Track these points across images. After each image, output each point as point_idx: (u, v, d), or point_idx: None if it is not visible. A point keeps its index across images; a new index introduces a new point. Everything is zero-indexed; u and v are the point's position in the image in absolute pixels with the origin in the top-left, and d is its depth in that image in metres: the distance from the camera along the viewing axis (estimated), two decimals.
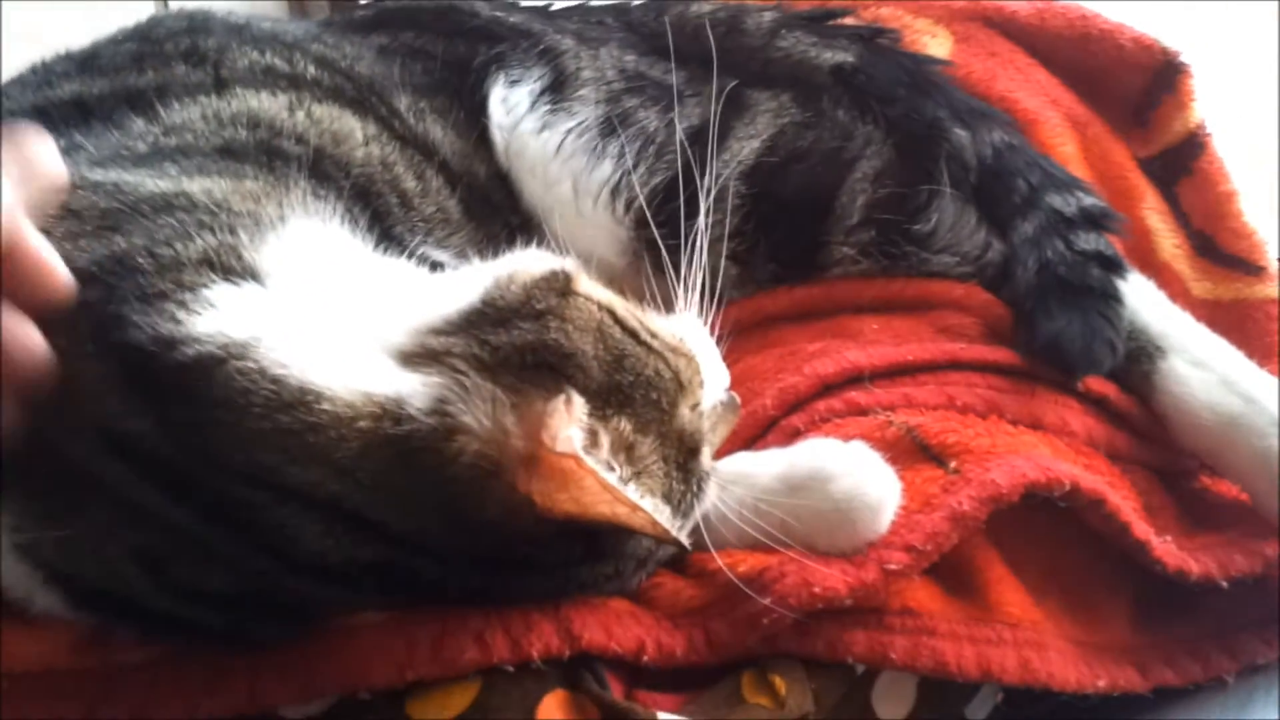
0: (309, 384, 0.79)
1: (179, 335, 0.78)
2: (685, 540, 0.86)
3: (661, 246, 1.07)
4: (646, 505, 0.78)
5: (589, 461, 0.75)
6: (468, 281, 0.89)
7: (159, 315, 0.79)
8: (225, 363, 0.78)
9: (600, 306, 0.87)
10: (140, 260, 0.82)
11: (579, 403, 0.79)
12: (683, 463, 0.87)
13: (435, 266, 1.04)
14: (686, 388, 0.89)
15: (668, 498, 0.86)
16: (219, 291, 0.83)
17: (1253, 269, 1.31)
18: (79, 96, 1.12)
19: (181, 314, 0.80)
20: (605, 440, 0.82)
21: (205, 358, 0.78)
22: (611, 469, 0.80)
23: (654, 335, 0.89)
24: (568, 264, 0.91)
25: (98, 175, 0.92)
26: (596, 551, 0.86)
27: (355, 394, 0.79)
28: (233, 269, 0.85)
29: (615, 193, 1.20)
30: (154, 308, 0.79)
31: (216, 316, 0.81)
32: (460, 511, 0.79)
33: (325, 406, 0.78)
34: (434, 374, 0.80)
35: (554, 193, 1.23)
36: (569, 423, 0.77)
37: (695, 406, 0.90)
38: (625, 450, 0.83)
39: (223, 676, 0.84)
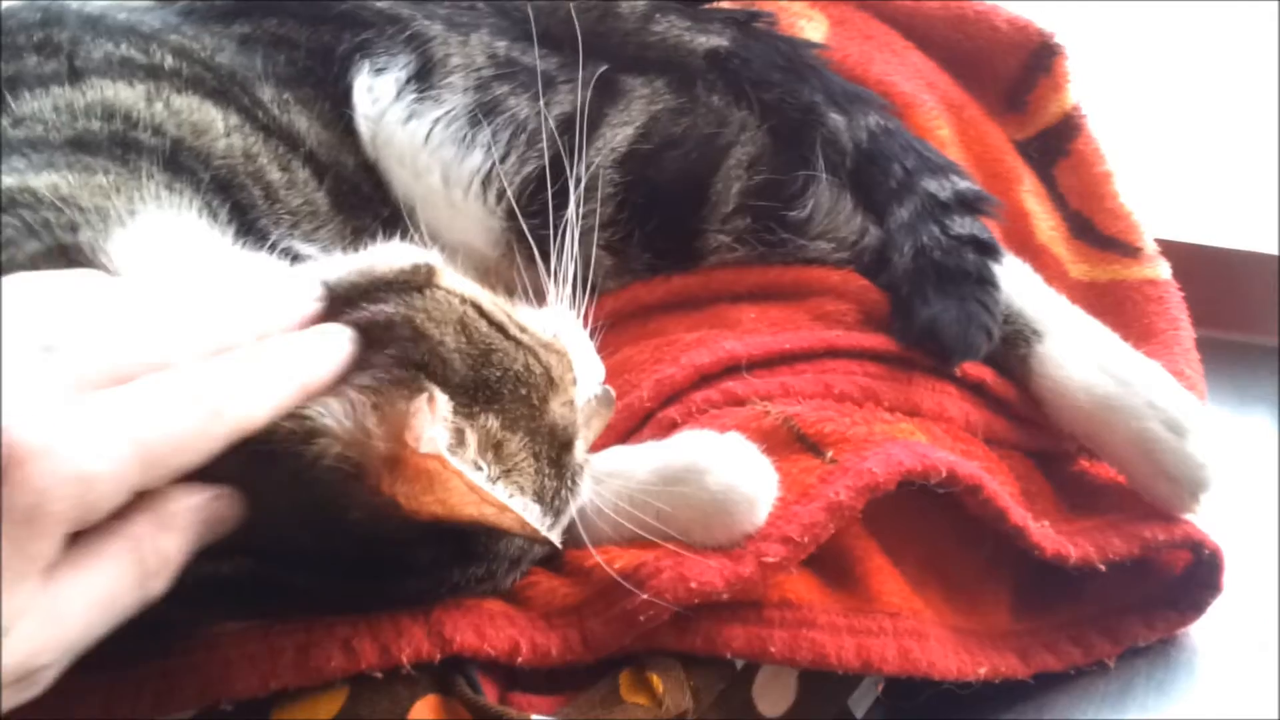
0: None
1: None
2: (556, 540, 0.84)
3: (531, 238, 1.05)
4: (515, 505, 0.77)
5: (454, 462, 0.73)
6: (323, 276, 0.86)
7: None
8: None
9: (463, 300, 0.84)
10: None
11: (442, 400, 0.76)
12: (555, 458, 0.85)
13: (300, 260, 1.01)
14: (558, 384, 0.87)
15: (539, 495, 0.84)
16: None
17: (1129, 250, 1.31)
18: None
19: None
20: (472, 439, 0.79)
21: None
22: (479, 468, 0.78)
23: (523, 330, 0.86)
24: (430, 256, 0.88)
25: None
26: (467, 552, 0.84)
27: None
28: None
29: (486, 183, 1.18)
30: None
31: None
32: (324, 516, 0.76)
33: None
34: None
35: (424, 183, 1.20)
36: (432, 422, 0.74)
37: (568, 402, 0.88)
38: (493, 448, 0.81)
39: (77, 694, 0.80)
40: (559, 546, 0.85)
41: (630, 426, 1.04)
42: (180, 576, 0.74)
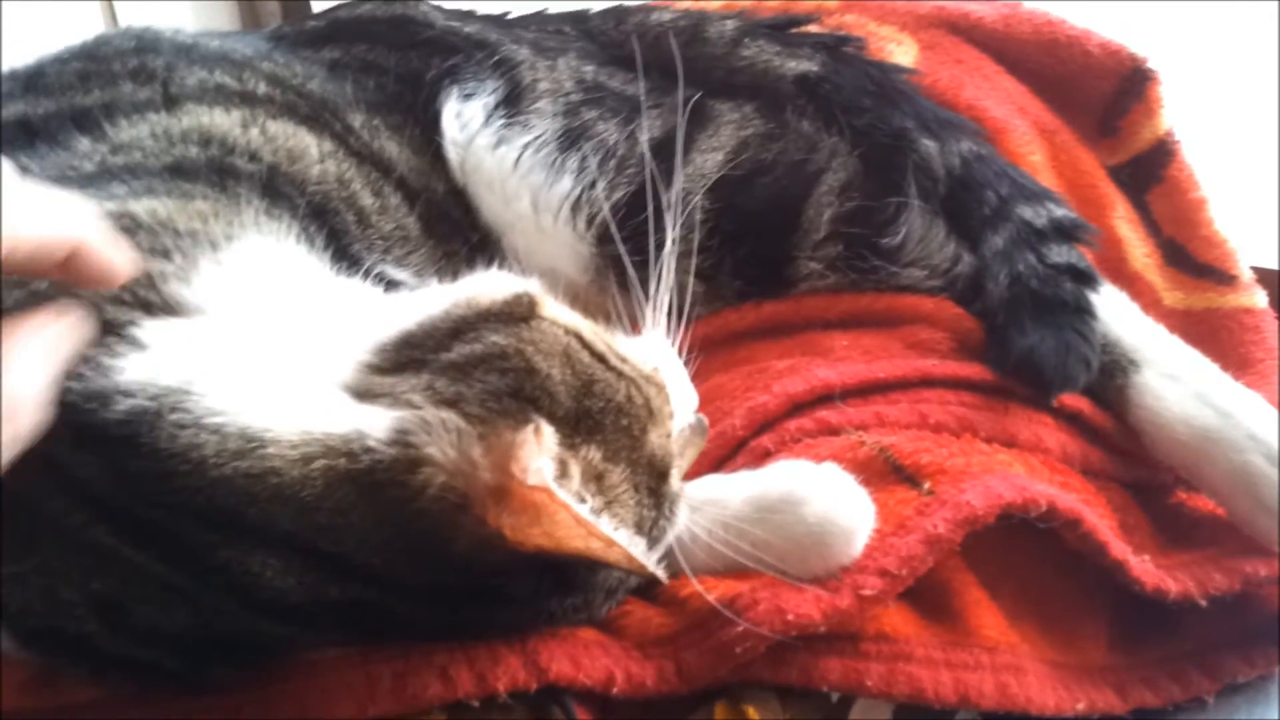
0: (251, 429, 0.76)
1: (108, 388, 0.76)
2: (662, 573, 0.83)
3: (627, 263, 1.04)
4: (621, 539, 0.76)
5: (561, 495, 0.73)
6: (424, 306, 0.86)
7: (85, 365, 0.76)
8: (160, 416, 0.75)
9: (567, 330, 0.84)
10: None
11: (548, 432, 0.76)
12: (654, 488, 0.85)
13: (393, 285, 1.02)
14: (657, 415, 0.86)
15: (639, 526, 0.84)
16: (149, 330, 0.80)
17: (1225, 278, 1.29)
18: (23, 117, 1.09)
19: (108, 360, 0.77)
20: (575, 470, 0.79)
21: (138, 413, 0.75)
22: (583, 500, 0.77)
23: (624, 360, 0.86)
24: (531, 286, 0.88)
25: None
26: (566, 583, 0.84)
27: (306, 433, 0.76)
28: (166, 300, 0.82)
29: (576, 208, 1.18)
30: (81, 357, 0.76)
31: (145, 361, 0.78)
32: (427, 545, 0.76)
33: (273, 450, 0.75)
34: (391, 408, 0.78)
35: (513, 209, 1.20)
36: (539, 453, 0.74)
37: (666, 434, 0.87)
38: (595, 480, 0.81)
39: (174, 718, 0.81)
40: (664, 581, 0.84)
41: (723, 454, 1.03)
42: (286, 595, 0.76)
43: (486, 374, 0.79)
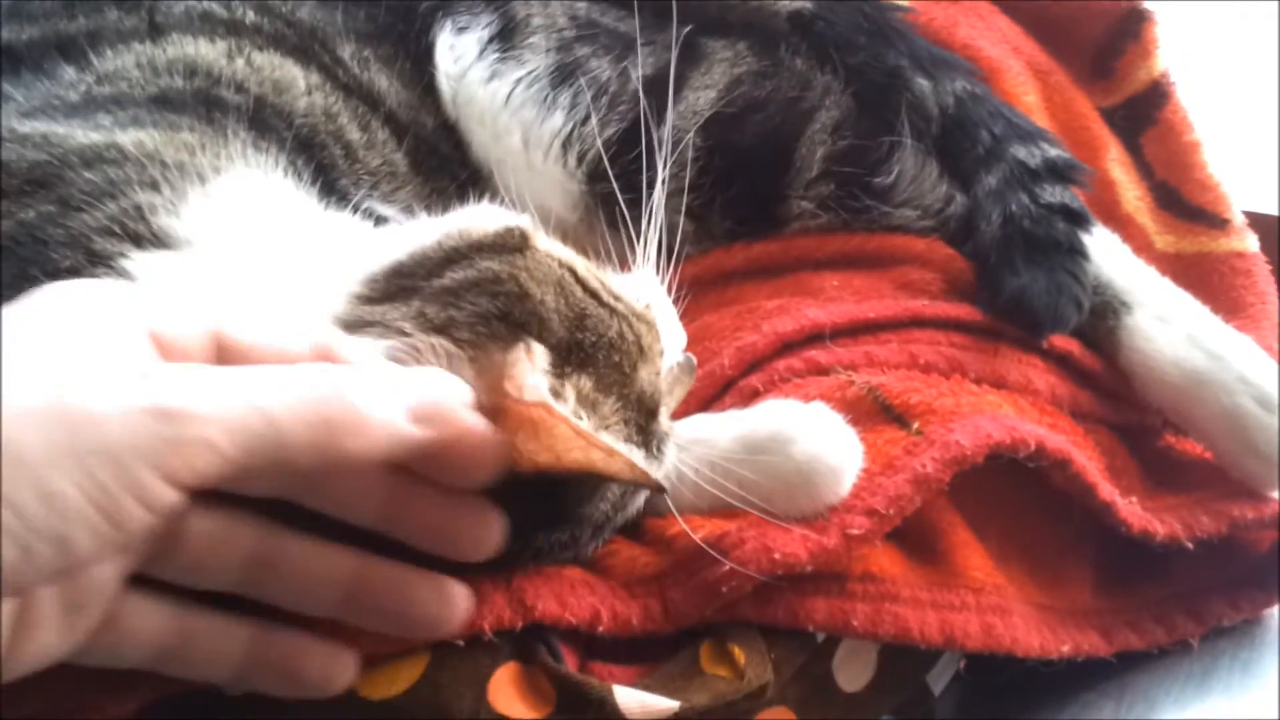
0: None
1: None
2: (664, 481, 0.83)
3: (620, 200, 1.03)
4: (621, 448, 0.75)
5: (559, 408, 0.72)
6: (415, 237, 0.86)
7: None
8: None
9: (561, 263, 0.84)
10: (50, 230, 0.78)
11: (540, 350, 0.76)
12: (643, 425, 0.84)
13: (380, 221, 1.01)
14: (648, 353, 0.86)
15: None
16: (137, 261, 0.79)
17: (1217, 221, 1.28)
18: (8, 44, 1.07)
19: None
20: (570, 393, 0.79)
21: None
22: (580, 418, 0.77)
23: (616, 298, 0.86)
24: (523, 221, 0.88)
25: (26, 127, 0.88)
26: (552, 516, 0.84)
27: None
28: (154, 232, 0.81)
29: (567, 145, 1.17)
30: None
31: None
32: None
33: None
34: (381, 338, 0.77)
35: (503, 144, 1.19)
36: (532, 370, 0.74)
37: (655, 371, 0.87)
38: (589, 406, 0.80)
39: None
40: (666, 488, 0.83)
41: (711, 394, 1.03)
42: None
43: (478, 298, 0.78)
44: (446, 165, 1.19)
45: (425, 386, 0.70)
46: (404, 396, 0.68)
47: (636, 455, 0.78)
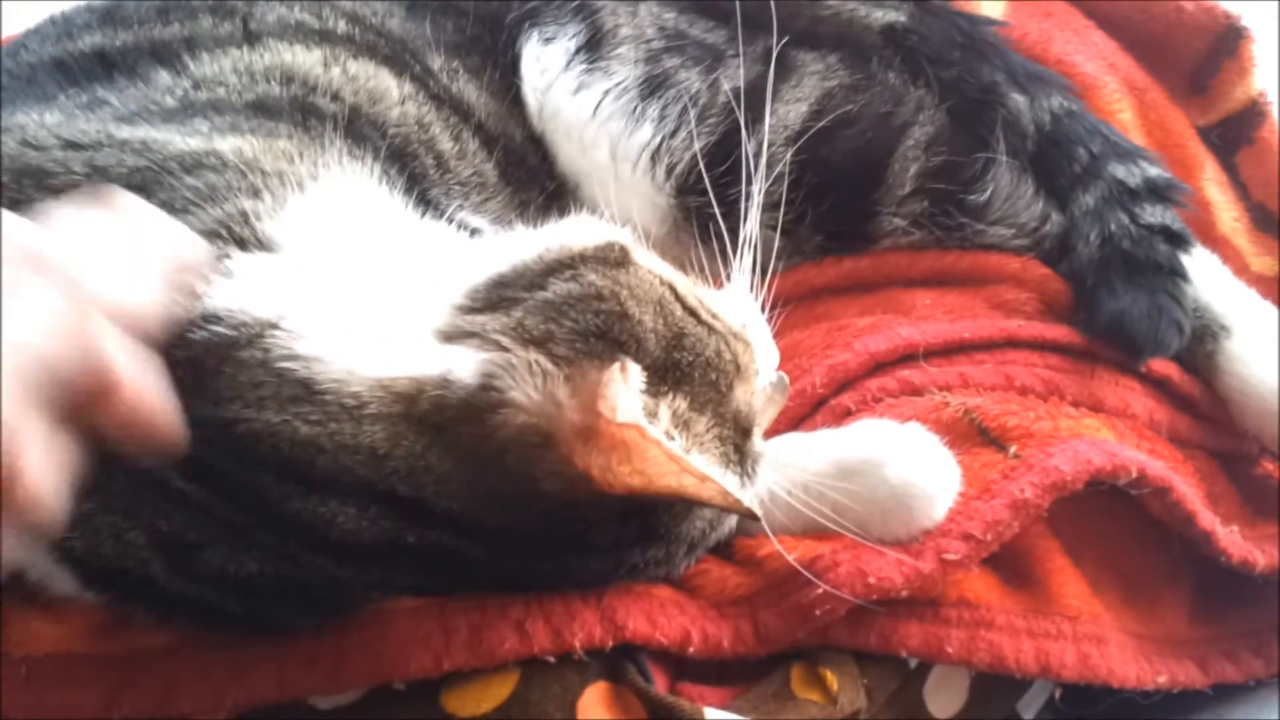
0: (337, 368, 0.76)
1: (193, 314, 0.75)
2: (758, 508, 0.81)
3: (718, 214, 1.02)
4: (715, 474, 0.74)
5: (652, 431, 0.71)
6: (515, 250, 0.85)
7: (176, 291, 0.75)
8: (238, 348, 0.75)
9: (662, 281, 0.83)
10: None
11: (635, 370, 0.75)
12: (738, 444, 0.83)
13: (471, 231, 1.00)
14: (744, 373, 0.85)
15: None
16: (240, 262, 0.79)
17: None
18: (101, 49, 1.08)
19: (200, 286, 0.76)
20: (664, 413, 0.78)
21: (218, 341, 0.75)
22: (671, 439, 0.76)
23: (715, 316, 0.85)
24: (623, 235, 0.87)
25: (125, 132, 0.89)
26: (649, 533, 0.83)
27: (388, 375, 0.76)
28: (258, 236, 0.82)
29: (655, 158, 1.16)
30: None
31: (236, 291, 0.78)
32: (511, 487, 0.75)
33: (356, 390, 0.75)
34: (479, 350, 0.76)
35: (591, 156, 1.18)
36: (626, 391, 0.73)
37: (751, 391, 0.86)
38: (683, 426, 0.79)
39: (249, 664, 0.81)
40: (759, 516, 0.82)
41: (803, 413, 1.02)
42: (359, 540, 0.75)
43: (580, 314, 0.77)
44: (534, 176, 1.18)
45: None
46: None
47: (730, 481, 0.77)
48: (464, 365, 0.76)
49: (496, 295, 0.81)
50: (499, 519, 0.77)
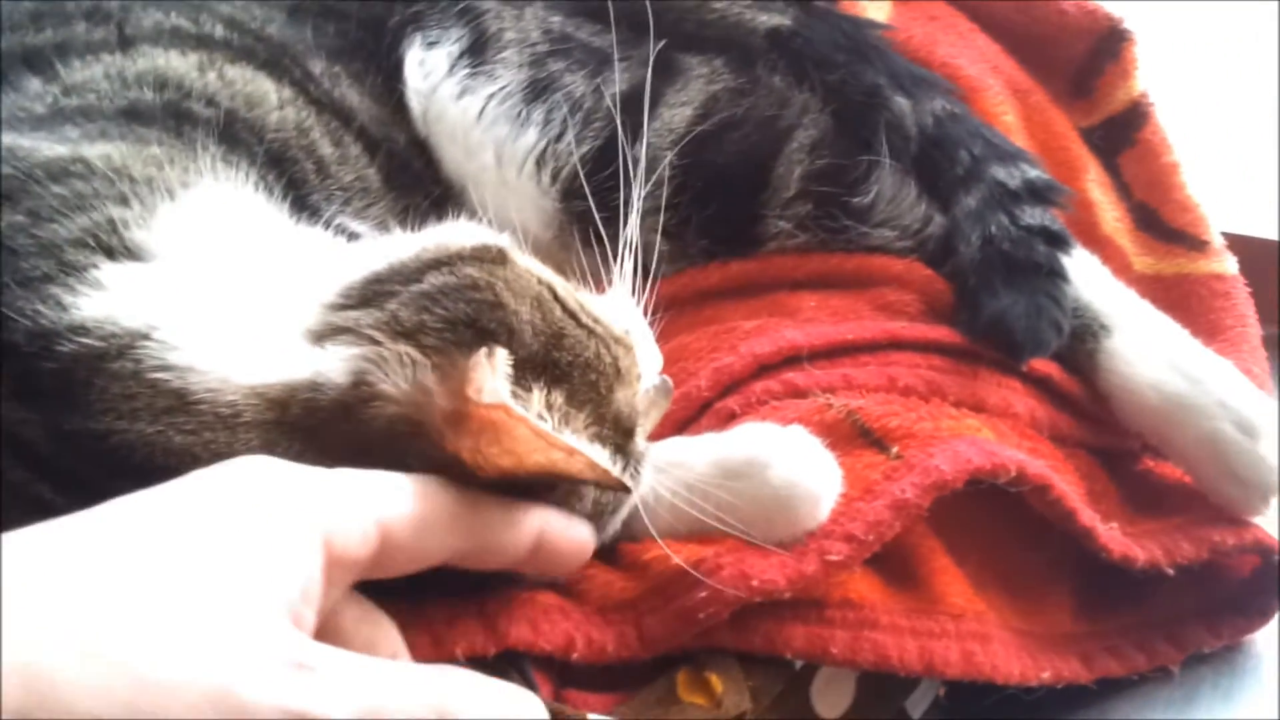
0: (211, 378, 0.74)
1: (60, 325, 0.74)
2: (630, 481, 0.81)
3: (597, 219, 1.02)
4: (582, 446, 0.74)
5: (519, 409, 0.71)
6: (393, 250, 0.84)
7: (41, 302, 0.74)
8: (108, 359, 0.74)
9: (540, 281, 0.83)
10: (21, 240, 0.77)
11: (502, 355, 0.74)
12: (619, 445, 0.83)
13: (353, 238, 0.99)
14: (625, 376, 0.84)
15: None
16: (109, 272, 0.78)
17: (1196, 243, 1.28)
18: None
19: (67, 297, 0.75)
20: (536, 399, 0.77)
21: (87, 353, 0.73)
22: (542, 419, 0.75)
23: (595, 320, 0.84)
24: (501, 239, 0.86)
25: None
26: None
27: (261, 383, 0.74)
28: (126, 245, 0.80)
29: (540, 162, 1.15)
30: (36, 293, 0.75)
31: (106, 301, 0.76)
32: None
33: (230, 399, 0.74)
34: (350, 345, 0.76)
35: (476, 161, 1.18)
36: (493, 374, 0.72)
37: (633, 394, 0.85)
38: (561, 419, 0.79)
39: None
40: (630, 489, 0.82)
41: (687, 416, 1.02)
42: None
43: (453, 303, 0.77)
44: (419, 182, 1.17)
45: (509, 704, 0.69)
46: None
47: (600, 456, 0.77)
48: (334, 365, 0.75)
49: (371, 291, 0.80)
50: None
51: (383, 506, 0.68)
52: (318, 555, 0.64)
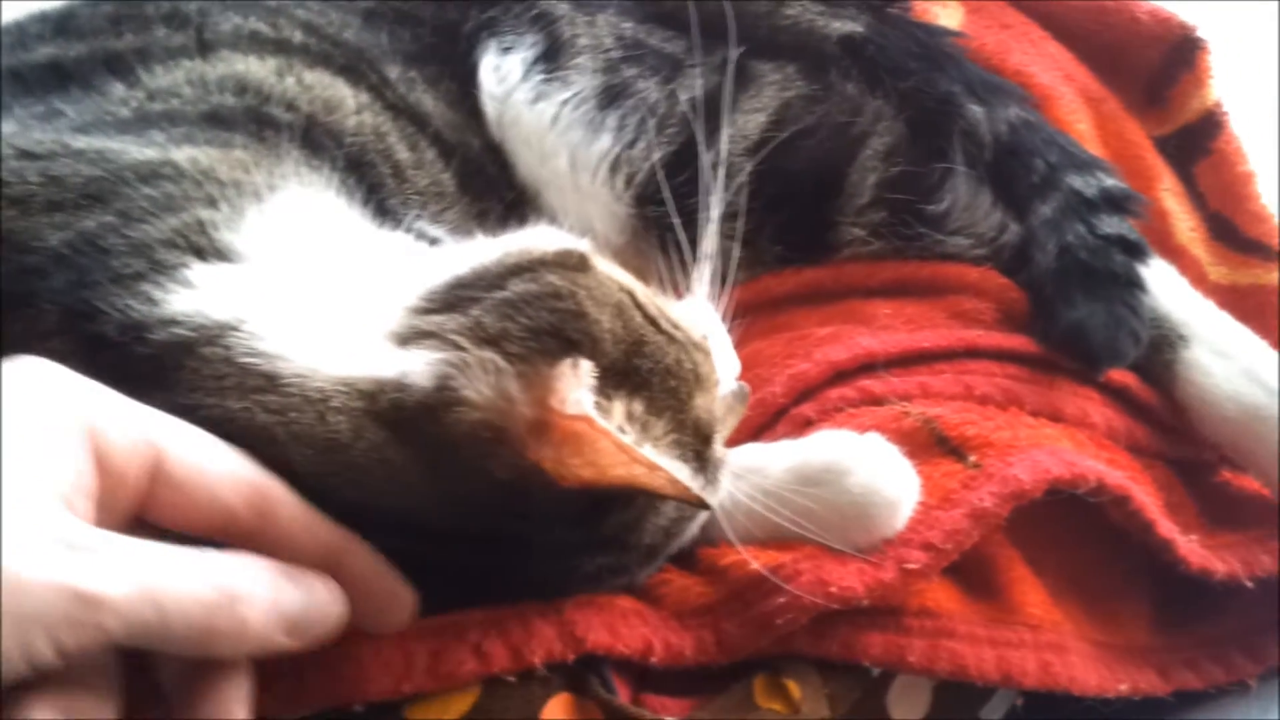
0: (300, 364, 0.75)
1: (151, 318, 0.75)
2: (711, 499, 0.81)
3: (678, 225, 1.02)
4: (664, 463, 0.74)
5: (602, 422, 0.71)
6: (475, 254, 0.85)
7: (132, 297, 0.75)
8: (199, 345, 0.75)
9: (621, 288, 0.83)
10: (112, 240, 0.78)
11: (586, 366, 0.74)
12: (698, 451, 0.83)
13: (431, 242, 1.00)
14: (704, 382, 0.84)
15: None
16: (198, 272, 0.79)
17: (1271, 253, 1.27)
18: (55, 60, 1.07)
19: (158, 294, 0.76)
20: (618, 409, 0.78)
21: (178, 341, 0.75)
22: (624, 433, 0.75)
23: (675, 326, 0.85)
24: (582, 244, 0.87)
25: (80, 142, 0.88)
26: (598, 540, 0.82)
27: (350, 374, 0.76)
28: (216, 247, 0.81)
29: (614, 168, 1.16)
30: (128, 290, 0.76)
31: (195, 296, 0.77)
32: (462, 485, 0.75)
33: (319, 385, 0.75)
34: (435, 350, 0.76)
35: (550, 166, 1.18)
36: (577, 385, 0.73)
37: (711, 400, 0.85)
38: (640, 427, 0.79)
39: None
40: (711, 507, 0.82)
41: (763, 422, 1.01)
42: None
43: (536, 311, 0.77)
44: (493, 186, 1.18)
45: (308, 597, 0.70)
46: (287, 607, 0.68)
47: (681, 472, 0.76)
48: (419, 368, 0.75)
49: (454, 296, 0.80)
50: (449, 518, 0.77)
51: (159, 431, 0.68)
52: (84, 447, 0.64)
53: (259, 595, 0.66)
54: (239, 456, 0.71)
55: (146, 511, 0.68)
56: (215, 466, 0.70)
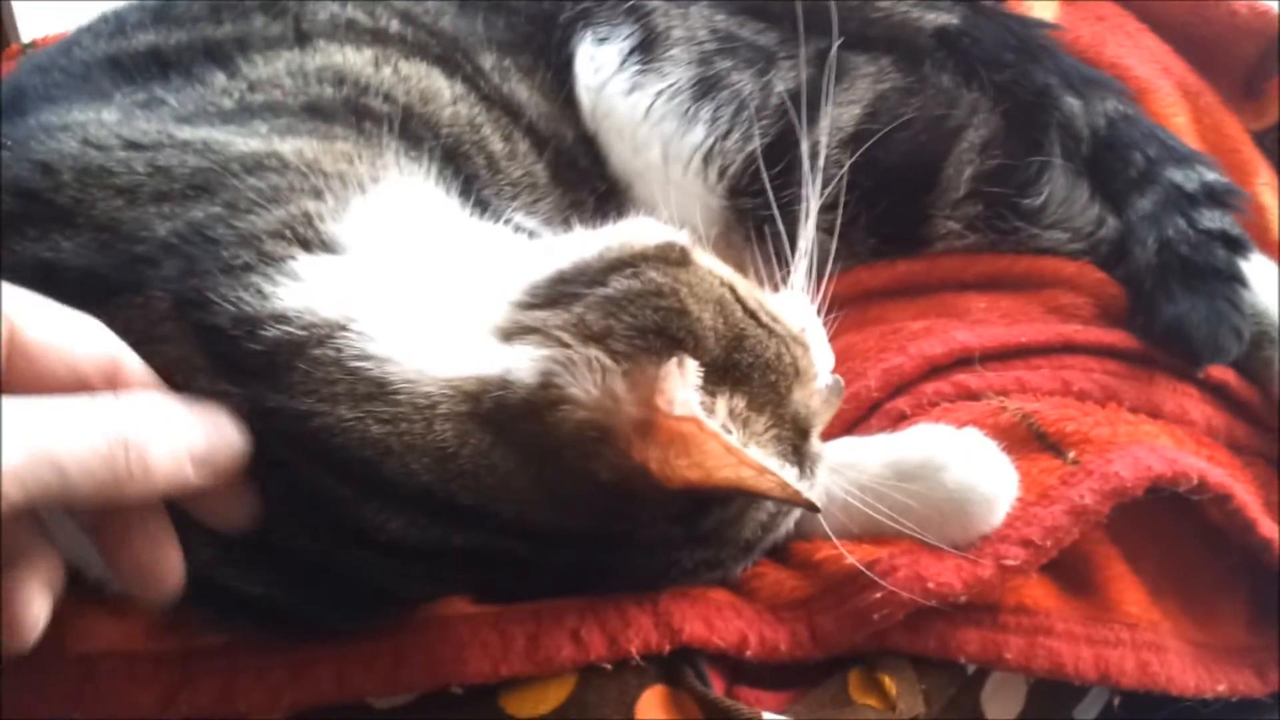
0: (408, 368, 0.75)
1: (262, 313, 0.75)
2: (817, 500, 0.80)
3: (777, 215, 1.02)
4: (773, 465, 0.74)
5: (710, 424, 0.71)
6: (575, 248, 0.85)
7: (243, 289, 0.75)
8: (310, 346, 0.75)
9: (722, 282, 0.83)
10: (221, 231, 0.78)
11: (692, 366, 0.74)
12: (796, 445, 0.83)
13: (527, 234, 1.00)
14: (803, 375, 0.84)
15: None
16: (305, 264, 0.79)
17: None
18: (155, 47, 1.07)
19: (267, 287, 0.76)
20: (721, 408, 0.77)
21: (289, 341, 0.74)
22: (728, 430, 0.76)
23: (775, 319, 0.84)
24: (682, 236, 0.87)
25: (185, 133, 0.88)
26: (697, 536, 0.82)
27: (456, 375, 0.75)
28: (322, 238, 0.81)
29: (707, 159, 1.16)
30: (238, 281, 0.76)
31: (304, 291, 0.77)
32: (566, 484, 0.75)
33: (427, 390, 0.74)
34: (539, 346, 0.76)
35: (643, 157, 1.18)
36: (683, 385, 0.73)
37: (810, 394, 0.85)
38: (741, 423, 0.79)
39: (308, 664, 0.81)
40: (819, 508, 0.81)
41: (857, 416, 1.01)
42: (414, 545, 0.75)
43: (640, 309, 0.77)
44: (585, 178, 1.18)
45: (207, 430, 0.69)
46: (190, 442, 0.67)
47: (789, 474, 0.76)
48: (523, 365, 0.75)
49: (557, 291, 0.80)
50: (553, 518, 0.77)
51: (11, 303, 0.65)
52: None
53: (158, 436, 0.65)
54: (93, 325, 0.69)
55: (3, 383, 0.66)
56: (69, 336, 0.68)
